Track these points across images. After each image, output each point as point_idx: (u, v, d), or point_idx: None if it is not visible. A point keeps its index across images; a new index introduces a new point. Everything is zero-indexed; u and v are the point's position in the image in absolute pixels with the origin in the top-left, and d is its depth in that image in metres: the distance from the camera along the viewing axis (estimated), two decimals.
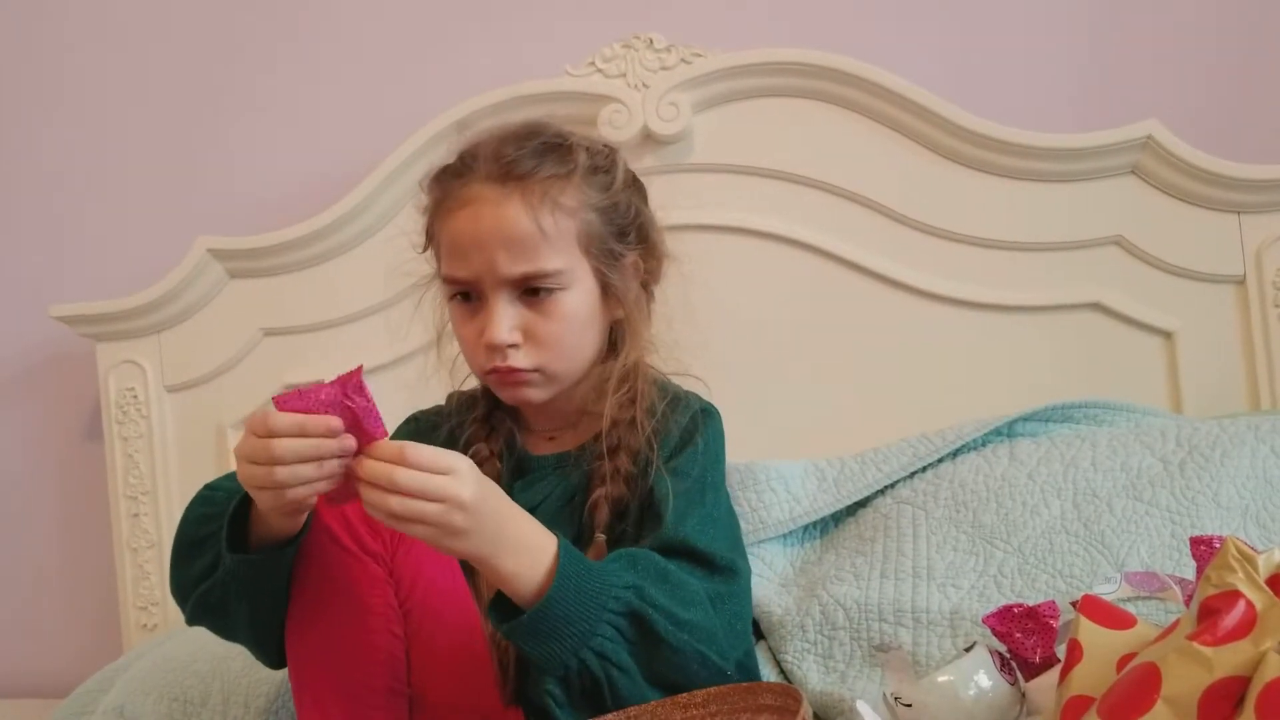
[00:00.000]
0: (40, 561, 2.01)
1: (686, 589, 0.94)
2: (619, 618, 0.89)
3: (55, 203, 2.01)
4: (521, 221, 1.01)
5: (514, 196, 1.02)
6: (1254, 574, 0.70)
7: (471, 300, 1.06)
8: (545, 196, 1.02)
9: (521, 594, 0.88)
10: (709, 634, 0.93)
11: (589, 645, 0.87)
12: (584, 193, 1.05)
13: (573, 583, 0.87)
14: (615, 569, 0.91)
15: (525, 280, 1.03)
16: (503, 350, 1.03)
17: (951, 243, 1.62)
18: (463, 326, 1.07)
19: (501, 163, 1.03)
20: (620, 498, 1.05)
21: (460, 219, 1.03)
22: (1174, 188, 1.54)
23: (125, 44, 1.99)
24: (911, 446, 1.39)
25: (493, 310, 1.03)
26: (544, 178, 1.03)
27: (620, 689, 0.89)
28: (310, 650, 0.96)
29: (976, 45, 1.71)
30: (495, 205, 1.01)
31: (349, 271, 1.78)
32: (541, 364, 1.05)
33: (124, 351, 1.85)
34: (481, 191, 1.02)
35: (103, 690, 1.39)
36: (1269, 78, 1.64)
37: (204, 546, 0.96)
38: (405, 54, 1.88)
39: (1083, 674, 0.79)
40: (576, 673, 0.88)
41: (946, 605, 1.16)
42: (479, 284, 1.04)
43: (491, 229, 1.01)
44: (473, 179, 1.03)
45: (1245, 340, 1.54)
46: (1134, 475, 1.25)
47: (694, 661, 0.92)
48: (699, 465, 1.05)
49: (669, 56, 1.67)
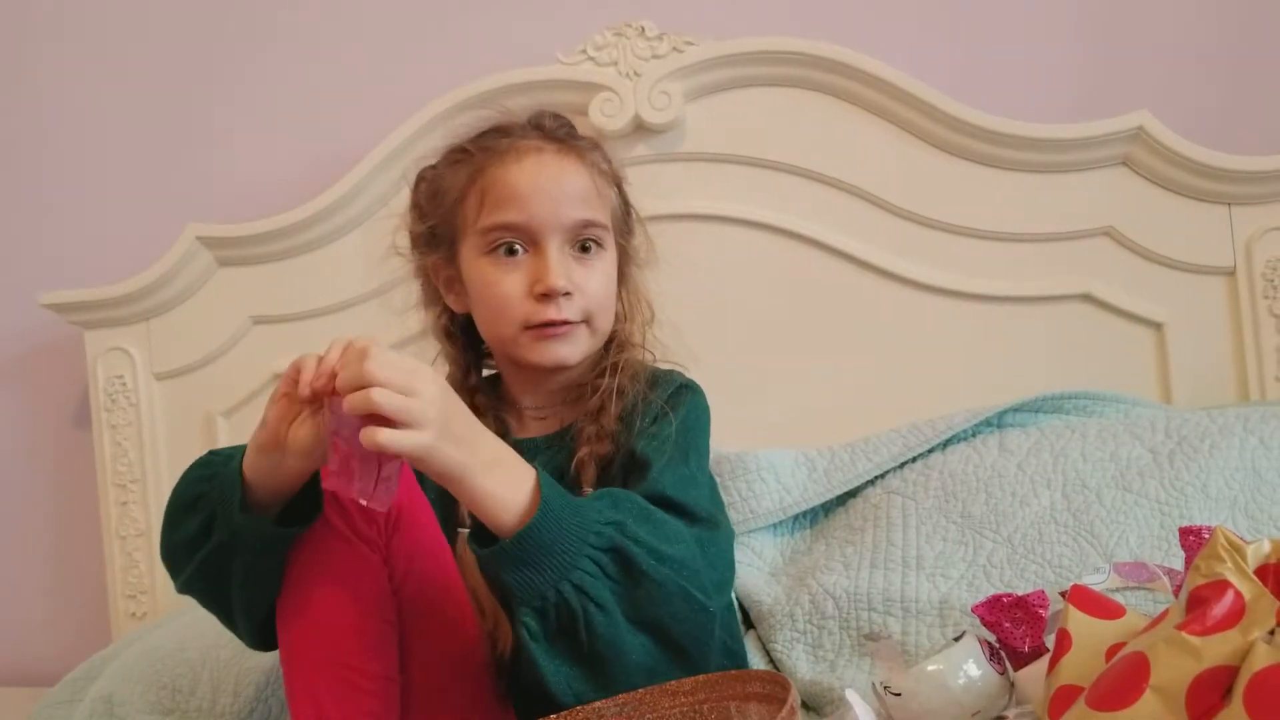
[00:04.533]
0: (29, 550, 2.00)
1: (669, 526, 0.93)
2: (600, 553, 0.88)
3: (43, 189, 2.00)
4: (582, 175, 1.09)
5: (571, 154, 1.09)
6: (1242, 564, 0.70)
7: (516, 253, 1.07)
8: (593, 162, 1.11)
9: (501, 519, 0.87)
10: (692, 570, 0.92)
11: (568, 578, 0.86)
12: (609, 171, 1.14)
13: (555, 513, 0.87)
14: (598, 505, 0.91)
15: (584, 228, 1.08)
16: (557, 298, 1.05)
17: (942, 233, 1.62)
18: (504, 279, 1.07)
19: (552, 125, 1.11)
20: (605, 455, 1.06)
21: (524, 167, 1.06)
22: (1165, 179, 1.54)
23: (114, 30, 1.98)
24: (902, 437, 1.40)
25: (550, 257, 1.06)
26: (587, 148, 1.12)
27: (597, 626, 0.87)
28: (302, 635, 0.95)
29: (970, 36, 1.71)
30: (557, 156, 1.08)
31: (339, 259, 1.77)
32: (589, 314, 1.08)
33: (113, 339, 1.84)
34: (540, 145, 1.08)
35: (91, 678, 1.38)
36: (1261, 70, 1.64)
37: (196, 508, 0.95)
38: (396, 41, 1.87)
39: (1071, 663, 0.80)
40: (554, 605, 0.87)
41: (936, 595, 1.16)
42: (535, 231, 1.06)
43: (555, 177, 1.06)
44: (525, 135, 1.09)
45: (1235, 331, 1.54)
46: (1123, 466, 1.25)
47: (676, 597, 0.90)
48: (680, 430, 1.06)
49: (661, 45, 1.66)
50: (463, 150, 1.11)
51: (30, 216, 2.01)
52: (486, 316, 1.10)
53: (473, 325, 1.14)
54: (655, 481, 0.99)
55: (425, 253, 1.15)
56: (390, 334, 1.65)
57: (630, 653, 0.89)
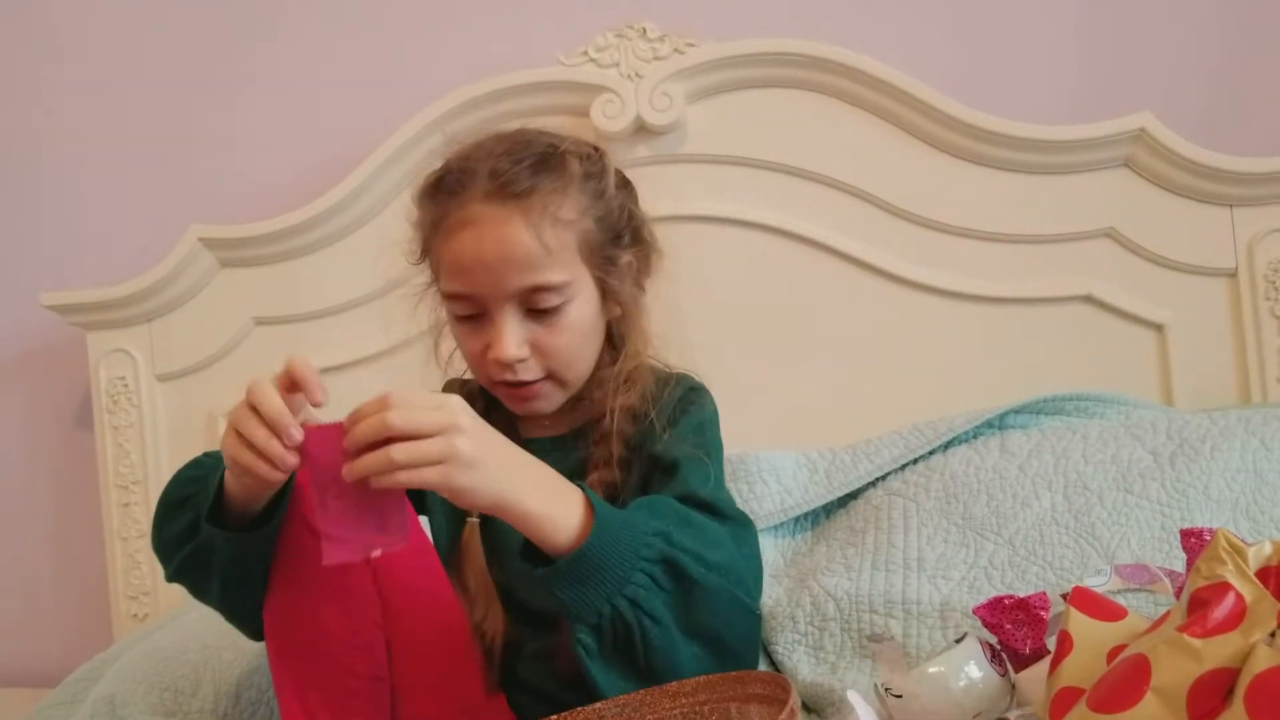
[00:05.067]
0: (31, 551, 2.00)
1: (709, 530, 0.93)
2: (652, 565, 0.87)
3: (46, 190, 2.00)
4: (524, 240, 0.99)
5: (515, 216, 0.99)
6: (1244, 566, 0.70)
7: (475, 318, 1.04)
8: (545, 212, 1.00)
9: (554, 538, 0.86)
10: (737, 574, 0.93)
11: (623, 592, 0.86)
12: (580, 202, 1.03)
13: (610, 529, 0.86)
14: (641, 516, 0.90)
15: (531, 295, 1.01)
16: (512, 366, 1.02)
17: (943, 234, 1.62)
18: (467, 342, 1.06)
19: (498, 181, 1.00)
20: (613, 483, 1.05)
21: (462, 240, 1.01)
22: (1167, 180, 1.54)
23: (116, 32, 1.98)
24: (903, 438, 1.40)
25: (500, 327, 1.01)
26: (543, 193, 1.01)
27: (652, 639, 0.87)
28: (290, 639, 0.95)
29: (973, 37, 1.71)
30: (497, 225, 0.99)
31: (341, 261, 1.77)
32: (551, 371, 1.04)
33: (115, 340, 1.84)
34: (482, 212, 1.00)
35: (93, 680, 1.38)
36: (1263, 72, 1.64)
37: (184, 508, 0.97)
38: (397, 42, 1.87)
39: (1073, 665, 0.79)
40: (610, 620, 0.87)
41: (937, 597, 1.16)
42: (484, 302, 1.02)
43: (494, 249, 0.99)
44: (470, 199, 1.01)
45: (1236, 333, 1.54)
46: (1124, 468, 1.25)
47: (726, 603, 0.91)
48: (697, 431, 1.05)
49: (662, 46, 1.67)
50: (421, 203, 1.07)
51: (32, 217, 2.01)
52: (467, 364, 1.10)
53: None
54: (684, 482, 0.98)
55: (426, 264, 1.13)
56: (390, 335, 1.65)
57: (684, 662, 0.89)
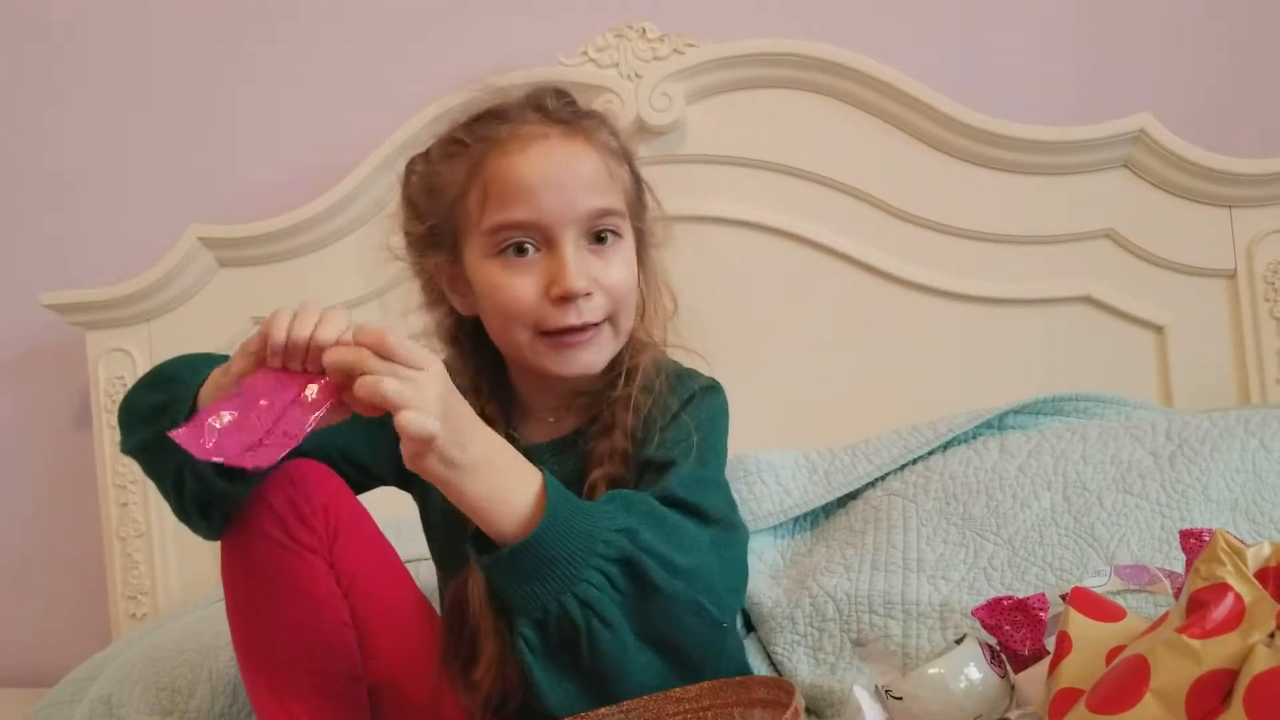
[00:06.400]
0: (29, 550, 2.00)
1: (684, 533, 0.87)
2: (609, 564, 0.82)
3: (45, 190, 2.00)
4: (593, 158, 0.97)
5: (578, 136, 0.98)
6: (1243, 567, 0.70)
7: (527, 253, 0.96)
8: (601, 141, 0.99)
9: (503, 525, 0.82)
10: (707, 581, 0.87)
11: (573, 590, 0.81)
12: (619, 148, 1.03)
13: (562, 521, 0.82)
14: (608, 510, 0.85)
15: (600, 217, 0.96)
16: (576, 301, 0.95)
17: (943, 235, 1.62)
18: (515, 283, 0.96)
19: (560, 101, 0.99)
20: (618, 477, 0.99)
21: (528, 156, 0.95)
22: (1166, 181, 1.54)
23: (115, 32, 1.98)
24: (902, 439, 1.40)
25: (566, 256, 0.94)
26: (595, 123, 1.00)
27: (601, 643, 0.82)
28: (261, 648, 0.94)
29: (972, 38, 1.71)
30: (564, 140, 0.96)
31: (340, 260, 1.77)
32: (611, 312, 0.98)
33: (113, 340, 1.84)
34: (546, 128, 0.97)
35: (90, 679, 1.38)
36: (1263, 73, 1.64)
37: (166, 389, 0.92)
38: (397, 42, 1.87)
39: (1072, 666, 0.80)
40: (555, 617, 0.82)
41: (936, 597, 1.16)
42: (546, 228, 0.95)
43: (564, 164, 0.95)
44: (528, 121, 0.97)
45: (1236, 334, 1.55)
46: (1124, 468, 1.25)
47: (689, 612, 0.86)
48: (696, 432, 0.99)
49: (662, 46, 1.67)
50: (458, 141, 1.00)
51: (32, 217, 2.01)
52: (497, 322, 0.99)
53: (480, 327, 1.04)
54: (670, 483, 0.92)
55: (425, 254, 1.05)
56: None
57: (635, 671, 0.85)
